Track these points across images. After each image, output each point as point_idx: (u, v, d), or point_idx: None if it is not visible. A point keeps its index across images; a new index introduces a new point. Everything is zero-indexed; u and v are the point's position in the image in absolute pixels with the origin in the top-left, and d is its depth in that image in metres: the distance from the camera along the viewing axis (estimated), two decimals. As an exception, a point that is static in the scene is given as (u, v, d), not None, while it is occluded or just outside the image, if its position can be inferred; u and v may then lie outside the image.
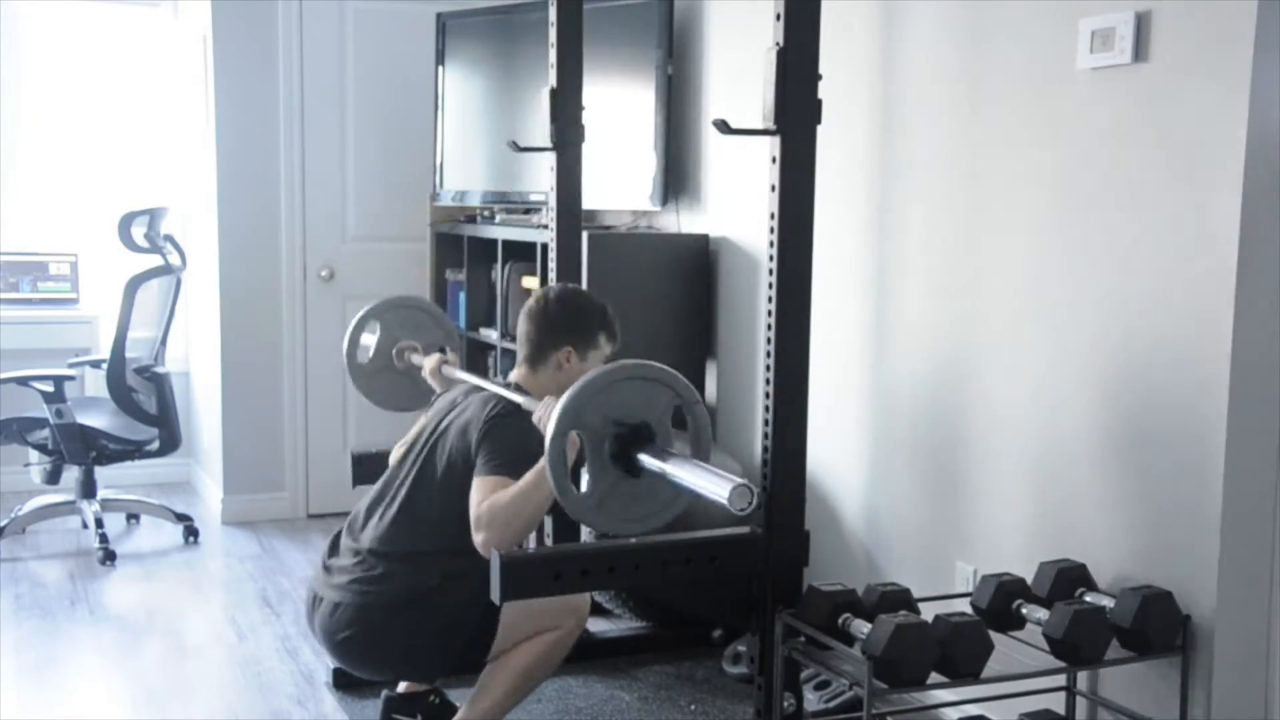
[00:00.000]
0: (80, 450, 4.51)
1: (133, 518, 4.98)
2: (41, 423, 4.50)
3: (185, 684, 3.39)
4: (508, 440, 2.56)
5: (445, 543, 2.62)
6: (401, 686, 2.95)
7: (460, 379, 2.98)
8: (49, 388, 4.45)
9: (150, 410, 4.58)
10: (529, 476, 2.44)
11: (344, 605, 2.65)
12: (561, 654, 2.77)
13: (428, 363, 3.13)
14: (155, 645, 3.68)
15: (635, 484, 2.22)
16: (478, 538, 2.47)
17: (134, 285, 4.45)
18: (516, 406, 2.61)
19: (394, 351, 3.31)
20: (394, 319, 3.32)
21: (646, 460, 2.19)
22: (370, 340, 3.31)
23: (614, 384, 2.21)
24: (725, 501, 2.03)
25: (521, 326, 2.83)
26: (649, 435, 2.21)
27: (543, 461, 2.26)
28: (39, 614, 3.88)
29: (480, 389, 2.79)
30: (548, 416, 2.22)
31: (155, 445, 4.64)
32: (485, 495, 2.49)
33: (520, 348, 2.83)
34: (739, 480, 2.04)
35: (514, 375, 2.82)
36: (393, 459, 2.88)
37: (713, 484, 2.08)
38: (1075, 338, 2.77)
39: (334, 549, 2.81)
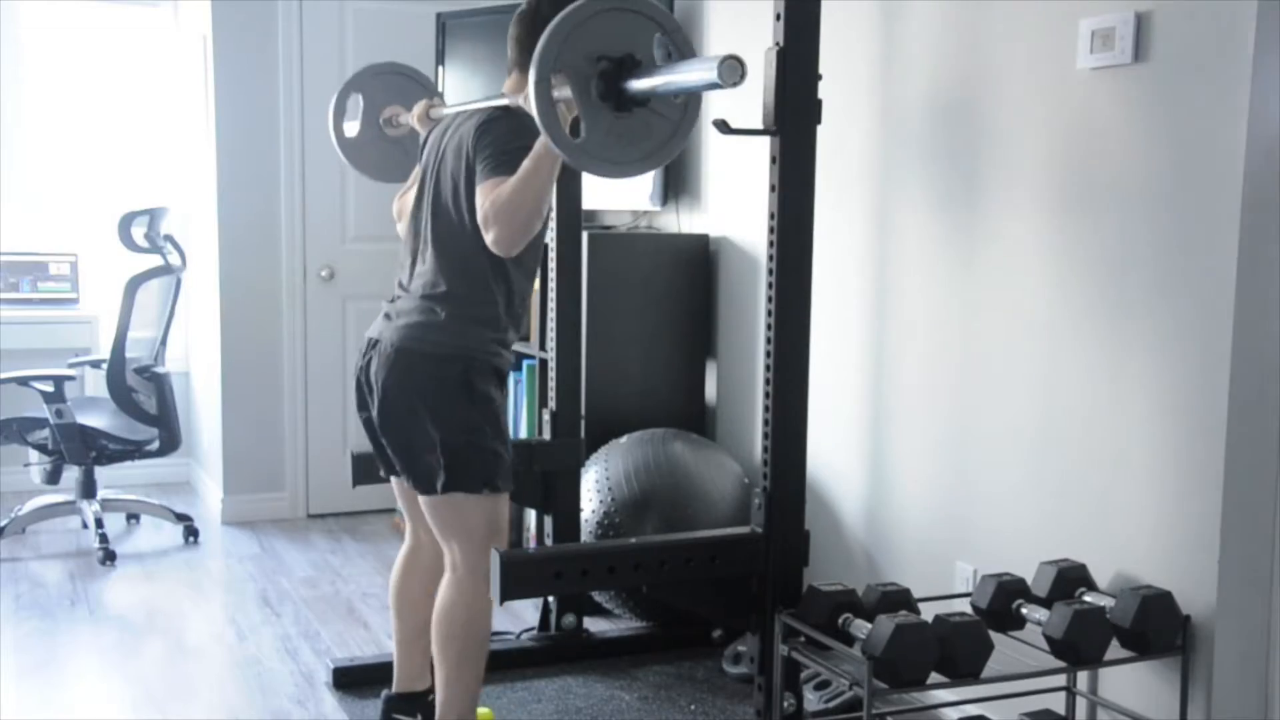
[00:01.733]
0: (80, 450, 4.51)
1: (133, 518, 4.98)
2: (41, 423, 4.50)
3: (185, 684, 3.39)
4: (501, 139, 2.51)
5: (487, 270, 2.61)
6: (400, 686, 2.95)
7: (449, 112, 2.90)
8: (49, 388, 4.45)
9: (150, 410, 4.58)
10: (527, 163, 2.40)
11: (395, 345, 2.63)
12: (484, 609, 2.67)
13: (416, 109, 3.04)
14: (155, 645, 3.68)
15: (630, 120, 2.16)
16: (488, 236, 2.44)
17: (134, 285, 4.46)
18: (504, 108, 2.56)
19: (381, 120, 3.22)
20: (376, 86, 3.21)
21: (635, 85, 2.11)
22: (356, 114, 3.21)
23: (590, 18, 2.14)
24: (715, 79, 1.96)
25: (511, 30, 2.74)
26: (634, 64, 2.13)
27: (539, 144, 2.21)
28: (39, 614, 3.88)
29: (465, 112, 2.74)
30: (533, 60, 2.15)
31: (155, 445, 4.64)
32: (488, 195, 2.46)
33: (509, 51, 2.74)
34: (724, 55, 1.97)
35: (504, 86, 2.75)
36: (401, 208, 2.87)
37: (699, 70, 2.01)
38: (1075, 337, 2.77)
39: (393, 303, 2.77)
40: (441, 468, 2.61)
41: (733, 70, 1.96)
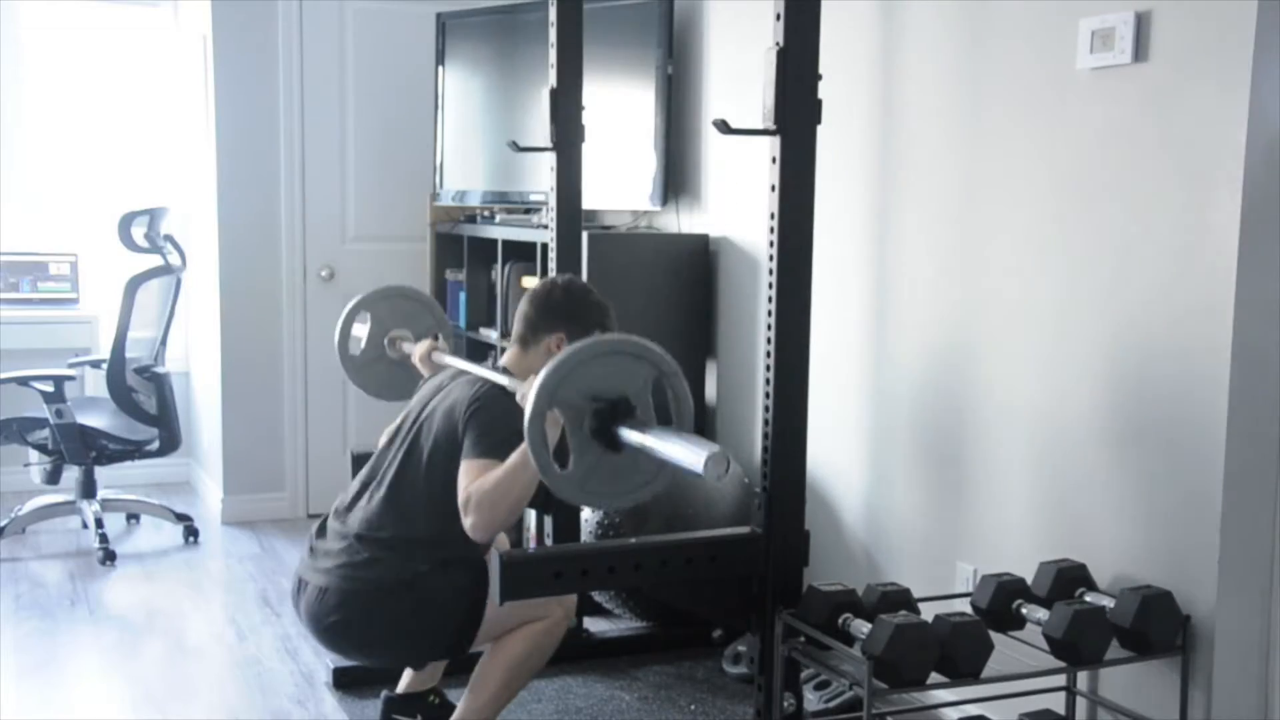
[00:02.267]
0: (80, 450, 4.51)
1: (133, 518, 4.98)
2: (41, 423, 4.50)
3: (185, 684, 3.39)
4: (493, 422, 2.55)
5: (433, 527, 2.61)
6: (401, 687, 2.95)
7: (450, 364, 2.96)
8: (49, 388, 4.45)
9: (150, 410, 4.58)
10: (514, 457, 2.43)
11: (330, 590, 2.63)
12: (551, 644, 2.75)
13: (418, 349, 3.10)
14: (155, 645, 3.68)
15: (617, 459, 2.20)
16: (466, 521, 2.46)
17: (134, 285, 4.46)
18: (501, 388, 2.60)
19: (386, 341, 3.28)
20: (385, 308, 3.29)
21: (627, 434, 2.16)
22: (362, 330, 3.28)
23: (591, 359, 2.19)
24: (700, 470, 2.01)
25: (521, 306, 2.81)
26: (628, 409, 2.18)
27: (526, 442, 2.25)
28: (39, 614, 3.88)
29: (466, 373, 2.78)
30: (528, 395, 2.21)
31: (155, 445, 4.64)
32: (472, 478, 2.48)
33: (515, 326, 2.81)
34: (714, 448, 2.01)
35: (504, 358, 2.81)
36: (380, 443, 2.88)
37: (688, 453, 2.05)
38: (1075, 338, 2.77)
39: (321, 533, 2.79)
40: (453, 651, 2.72)
41: (718, 464, 2.01)
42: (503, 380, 2.61)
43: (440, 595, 2.62)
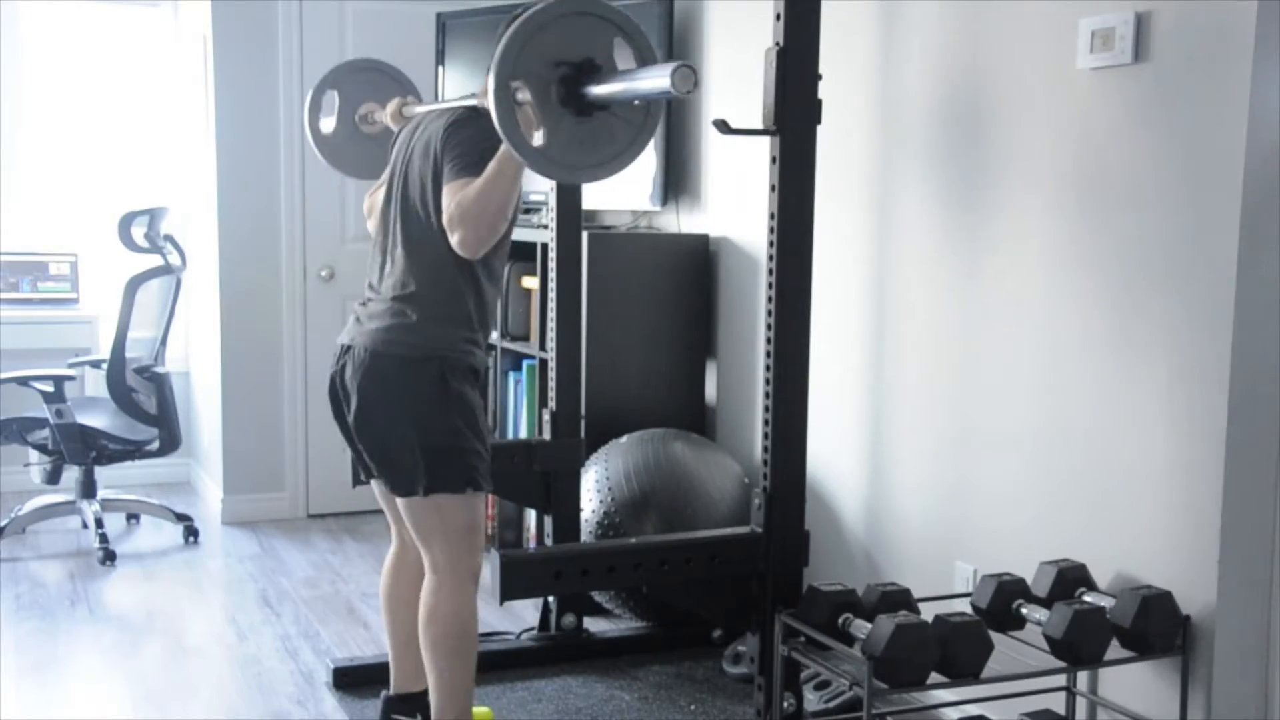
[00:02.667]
0: (80, 450, 4.51)
1: (133, 518, 4.98)
2: (41, 423, 4.50)
3: (185, 684, 3.39)
4: (468, 140, 2.53)
5: (455, 270, 2.60)
6: (399, 687, 2.95)
7: (420, 110, 2.91)
8: (49, 388, 4.45)
9: (150, 410, 4.58)
10: (492, 165, 2.41)
11: (372, 349, 2.63)
12: (468, 611, 2.66)
13: (389, 107, 3.04)
14: (155, 645, 3.68)
15: (590, 124, 2.16)
16: (454, 238, 2.46)
17: (134, 285, 4.45)
18: (473, 109, 2.58)
19: (356, 117, 3.19)
20: (352, 82, 3.19)
21: (594, 90, 2.12)
22: (332, 112, 3.18)
23: (547, 24, 2.14)
24: (669, 87, 1.98)
25: (500, 33, 2.77)
26: (593, 69, 2.14)
27: (504, 147, 2.21)
28: (39, 614, 3.88)
29: (436, 108, 2.74)
30: (491, 67, 2.18)
31: (155, 445, 4.64)
32: (453, 197, 2.47)
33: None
34: (678, 63, 1.99)
35: (478, 87, 2.72)
36: (371, 205, 2.87)
37: (654, 78, 2.02)
38: (1075, 338, 2.77)
39: (364, 305, 2.77)
40: (422, 470, 2.61)
41: (685, 78, 1.98)
42: (471, 101, 2.58)
43: (440, 397, 2.60)
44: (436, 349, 2.62)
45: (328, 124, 3.16)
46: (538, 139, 2.19)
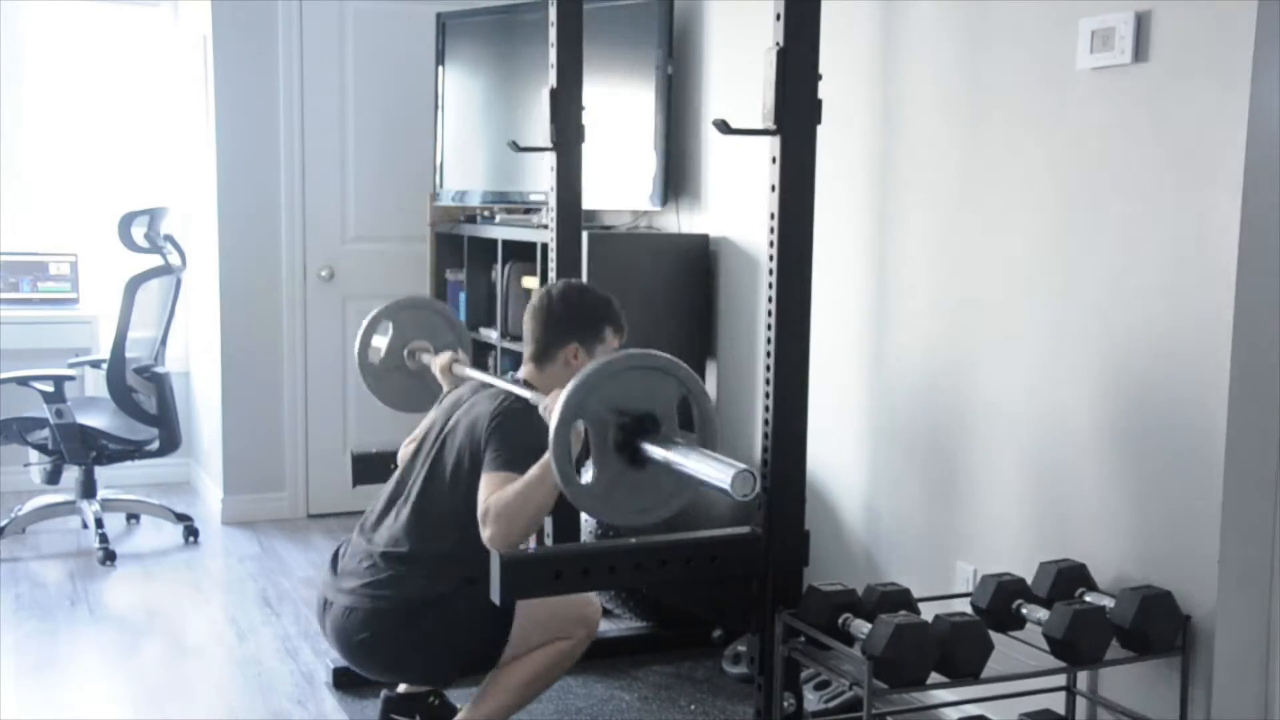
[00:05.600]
0: (80, 450, 4.51)
1: (133, 518, 4.98)
2: (41, 423, 4.50)
3: (185, 684, 3.39)
4: (514, 435, 2.57)
5: (458, 543, 2.61)
6: (401, 687, 2.95)
7: (471, 376, 2.98)
8: (49, 388, 4.45)
9: (150, 410, 4.58)
10: (534, 470, 2.44)
11: (356, 610, 2.65)
12: (568, 664, 2.77)
13: (439, 360, 3.12)
14: (155, 645, 3.68)
15: (639, 474, 2.21)
16: (485, 533, 2.47)
17: (134, 285, 4.45)
18: (524, 401, 2.61)
19: (405, 351, 3.32)
20: (406, 319, 3.33)
21: (650, 449, 2.17)
22: (382, 340, 3.32)
23: (618, 373, 2.20)
24: (728, 488, 2.01)
25: (526, 325, 2.83)
26: (653, 425, 2.19)
27: (548, 454, 2.25)
28: (39, 614, 3.88)
29: (488, 386, 2.79)
30: (553, 407, 2.22)
31: (155, 445, 4.64)
32: (492, 490, 2.49)
33: (526, 346, 2.83)
34: (741, 466, 2.02)
35: (521, 373, 2.82)
36: (402, 456, 2.89)
37: (715, 471, 2.06)
38: (1075, 338, 2.77)
39: (344, 550, 2.80)
40: (468, 668, 2.72)
41: (745, 483, 2.02)
42: (525, 394, 2.62)
43: (465, 615, 2.63)
44: (425, 598, 2.64)
45: (375, 352, 3.30)
46: (586, 476, 2.23)
